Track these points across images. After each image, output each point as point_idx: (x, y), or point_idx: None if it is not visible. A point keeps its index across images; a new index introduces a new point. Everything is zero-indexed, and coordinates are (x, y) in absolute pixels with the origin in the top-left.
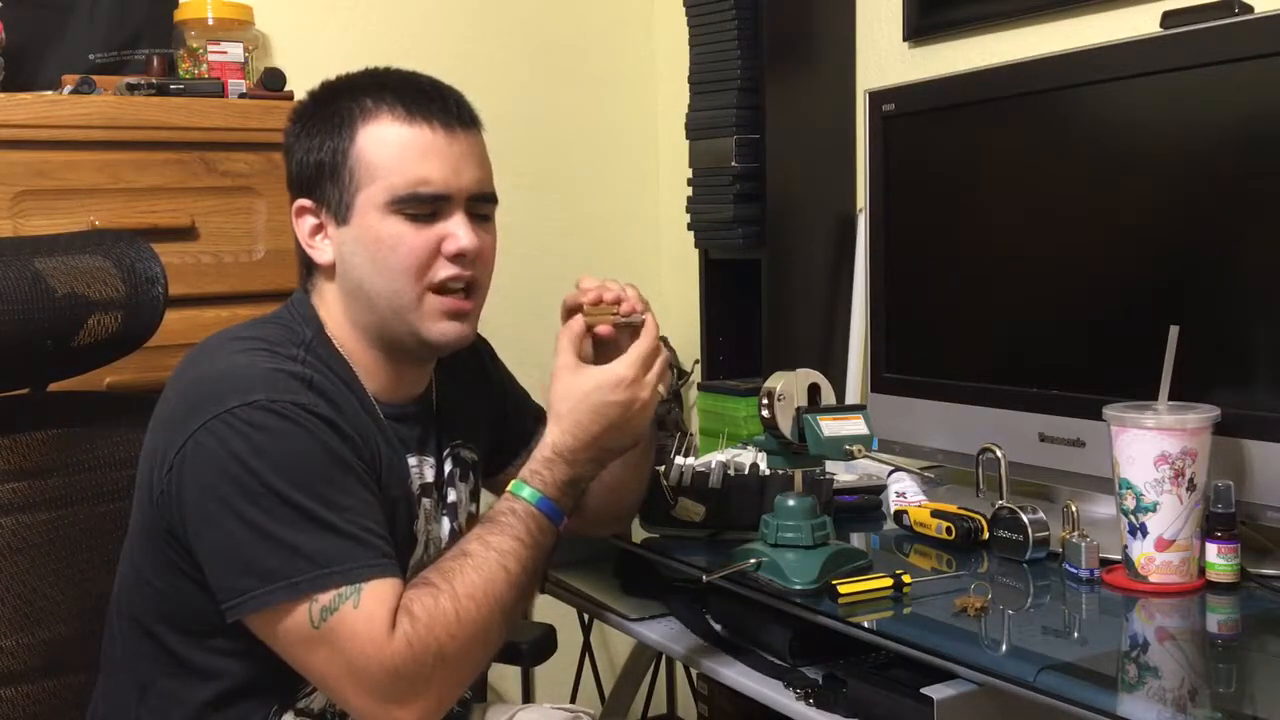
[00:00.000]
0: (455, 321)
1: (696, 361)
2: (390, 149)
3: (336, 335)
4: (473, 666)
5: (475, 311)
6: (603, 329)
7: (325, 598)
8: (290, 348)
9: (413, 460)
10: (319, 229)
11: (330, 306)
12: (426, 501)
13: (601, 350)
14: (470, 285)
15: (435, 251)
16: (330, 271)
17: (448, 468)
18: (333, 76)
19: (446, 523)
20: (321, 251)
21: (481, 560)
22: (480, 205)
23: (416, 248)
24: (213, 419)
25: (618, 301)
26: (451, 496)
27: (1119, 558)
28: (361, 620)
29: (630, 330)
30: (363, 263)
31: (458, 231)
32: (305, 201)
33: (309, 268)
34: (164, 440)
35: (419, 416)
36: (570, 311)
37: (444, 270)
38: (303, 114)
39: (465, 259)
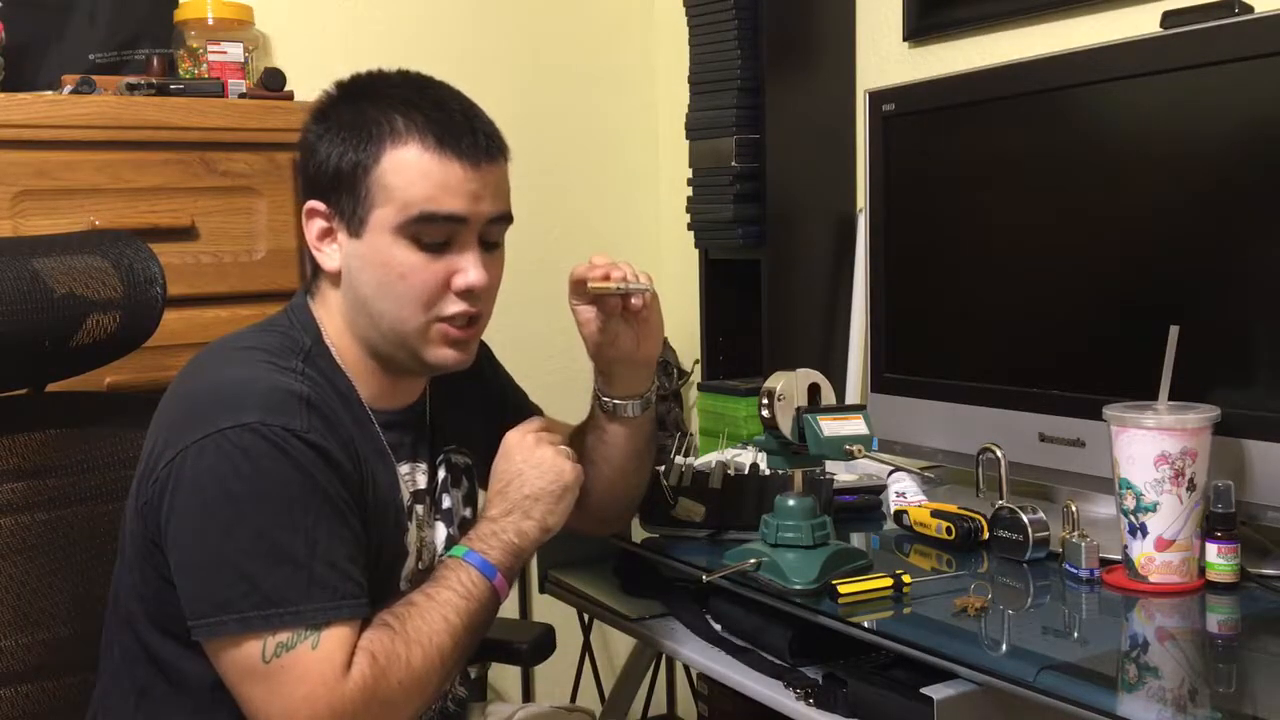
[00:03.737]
0: (455, 349)
1: (696, 361)
2: (413, 176)
3: (335, 342)
4: (412, 713)
5: (476, 339)
6: (609, 304)
7: (283, 635)
8: (289, 358)
9: (404, 468)
10: (328, 233)
11: (331, 311)
12: (419, 508)
13: (613, 328)
14: (475, 317)
15: (444, 285)
16: (336, 278)
17: (440, 474)
18: (364, 71)
19: (442, 528)
20: (328, 257)
21: (425, 609)
22: (494, 230)
23: (426, 281)
24: (204, 438)
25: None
26: (446, 502)
27: (1119, 558)
28: (316, 661)
29: (632, 310)
30: (370, 280)
31: (468, 268)
32: (317, 204)
33: (315, 269)
34: (156, 451)
35: (412, 423)
36: (577, 283)
37: (451, 306)
38: (328, 113)
39: (473, 294)
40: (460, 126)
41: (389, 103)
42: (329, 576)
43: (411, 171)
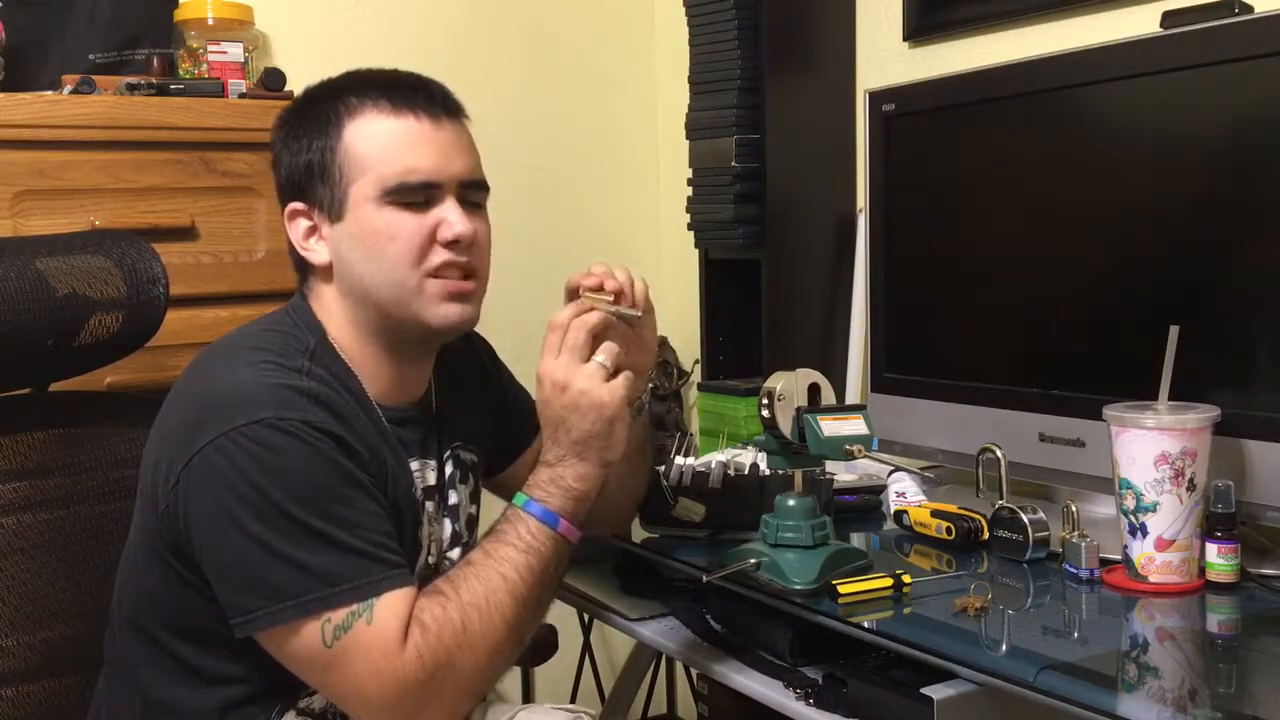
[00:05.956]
0: (457, 303)
1: (696, 361)
2: (378, 141)
3: (338, 339)
4: (480, 676)
5: (477, 294)
6: (593, 316)
7: (338, 615)
8: (296, 358)
9: (415, 464)
10: (313, 230)
11: (330, 309)
12: (429, 505)
13: (596, 340)
14: (468, 271)
15: (430, 239)
16: (327, 273)
17: (448, 470)
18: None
19: (449, 525)
20: (317, 253)
21: (482, 568)
22: (472, 193)
23: (412, 235)
24: (220, 436)
25: (619, 294)
26: (453, 499)
27: (1119, 558)
28: (375, 636)
29: (624, 323)
30: (360, 257)
31: (450, 217)
32: (297, 204)
33: (305, 272)
34: (169, 452)
35: (420, 420)
36: (571, 292)
37: (440, 256)
38: (287, 120)
39: (460, 245)
40: (411, 86)
41: (340, 90)
42: (372, 550)
43: (376, 137)
